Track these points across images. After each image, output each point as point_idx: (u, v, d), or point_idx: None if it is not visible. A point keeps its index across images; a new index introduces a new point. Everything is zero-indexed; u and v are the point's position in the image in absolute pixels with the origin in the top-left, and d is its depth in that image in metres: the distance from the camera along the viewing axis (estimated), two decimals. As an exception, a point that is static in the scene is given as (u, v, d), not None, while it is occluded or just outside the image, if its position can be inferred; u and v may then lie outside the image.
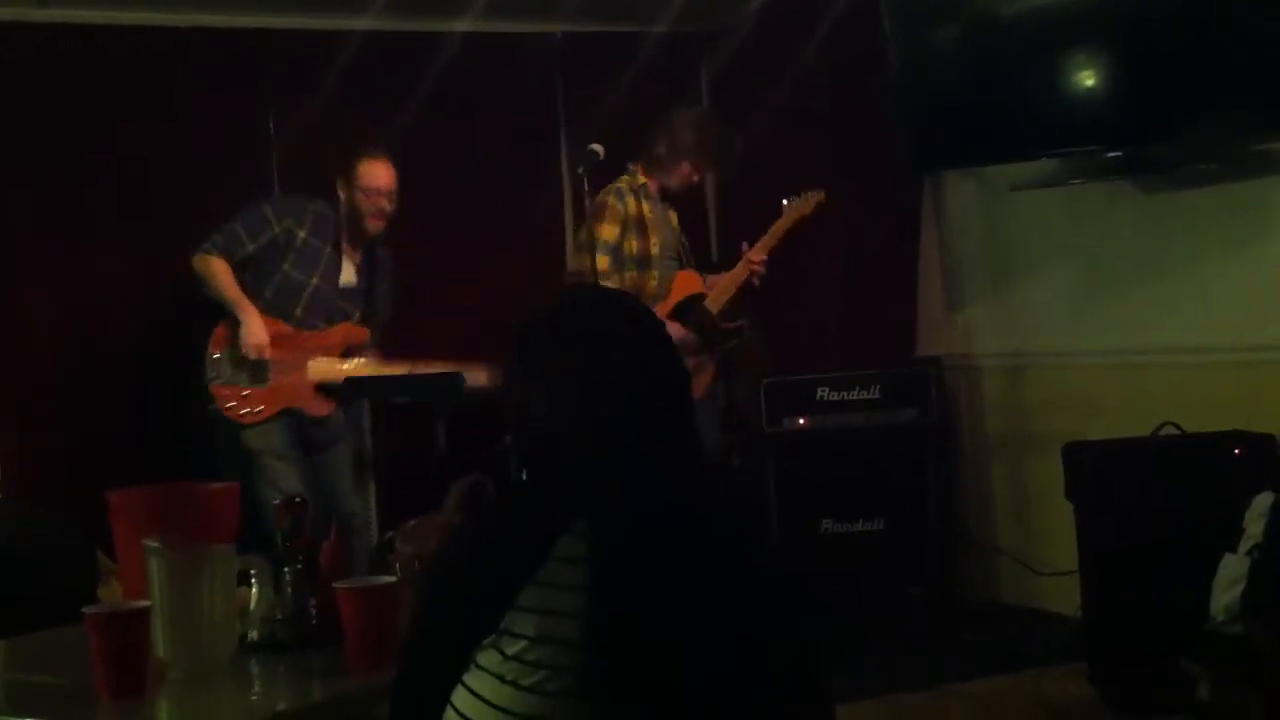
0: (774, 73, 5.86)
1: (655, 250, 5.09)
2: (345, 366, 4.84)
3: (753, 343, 5.39)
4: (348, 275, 4.87)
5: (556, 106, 5.99)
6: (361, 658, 2.25)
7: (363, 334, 4.90)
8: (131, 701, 2.13)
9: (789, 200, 5.21)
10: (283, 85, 5.28)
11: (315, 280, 4.79)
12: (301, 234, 4.75)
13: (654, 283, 5.06)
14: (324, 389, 4.82)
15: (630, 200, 5.07)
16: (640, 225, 5.07)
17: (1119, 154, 4.91)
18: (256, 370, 4.69)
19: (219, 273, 4.68)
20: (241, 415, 4.70)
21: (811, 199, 5.21)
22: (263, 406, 4.72)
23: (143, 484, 3.06)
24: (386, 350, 4.98)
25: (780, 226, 5.16)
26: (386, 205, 4.78)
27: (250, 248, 4.72)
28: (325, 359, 4.82)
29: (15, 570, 3.50)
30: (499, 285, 5.44)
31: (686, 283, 5.17)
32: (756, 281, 5.12)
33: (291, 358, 4.75)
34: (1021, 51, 4.90)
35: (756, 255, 5.11)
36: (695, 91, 6.14)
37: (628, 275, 5.02)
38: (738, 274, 5.13)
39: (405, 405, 5.30)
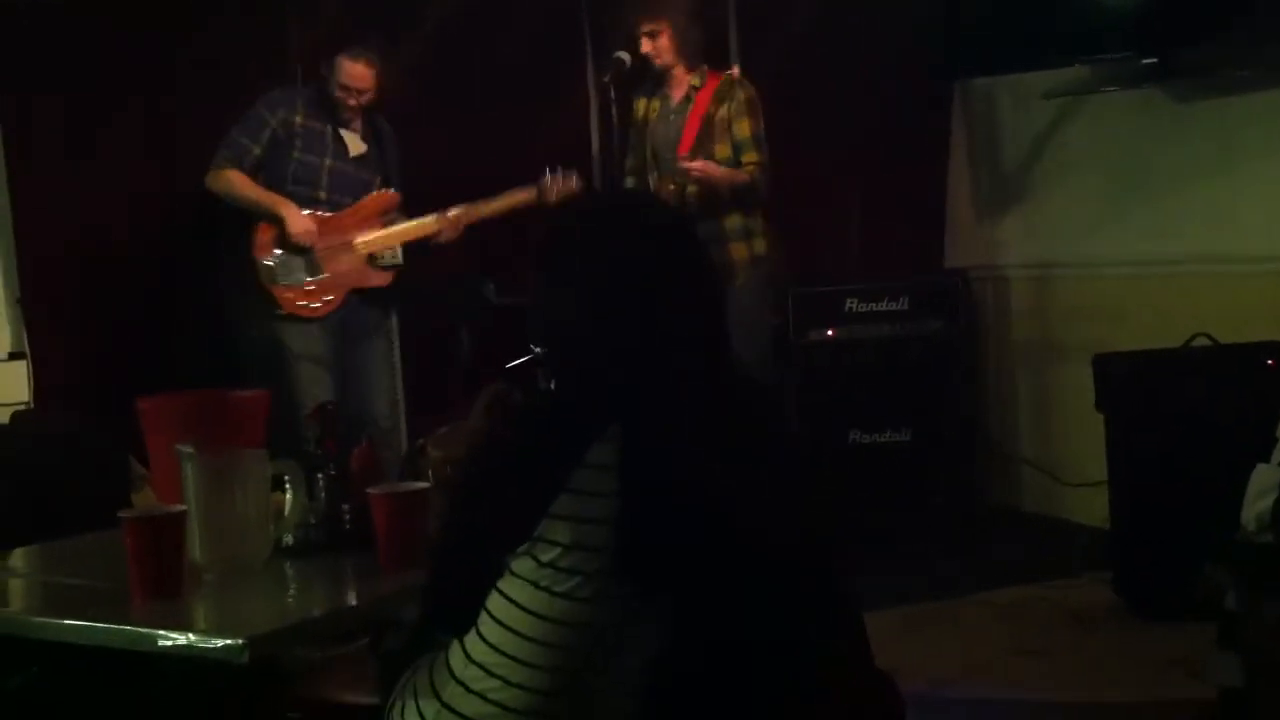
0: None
1: None
2: (387, 231, 4.89)
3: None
4: (355, 147, 4.92)
5: (581, 13, 5.92)
6: (394, 561, 2.27)
7: (394, 197, 4.94)
8: (168, 603, 2.15)
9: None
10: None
11: (328, 160, 4.84)
12: (298, 119, 4.80)
13: None
14: (374, 261, 4.87)
15: None
16: None
17: (1152, 60, 4.84)
18: (310, 263, 4.73)
19: (236, 182, 4.72)
20: (314, 310, 4.77)
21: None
22: (331, 295, 4.79)
23: (174, 390, 3.07)
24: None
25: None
26: (352, 100, 4.82)
27: (257, 150, 4.75)
28: (367, 232, 4.85)
29: (49, 476, 3.53)
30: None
31: None
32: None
33: (336, 242, 4.80)
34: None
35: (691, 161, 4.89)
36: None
37: None
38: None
39: (429, 311, 5.32)
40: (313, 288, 4.76)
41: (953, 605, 4.61)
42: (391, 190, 4.95)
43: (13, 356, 4.92)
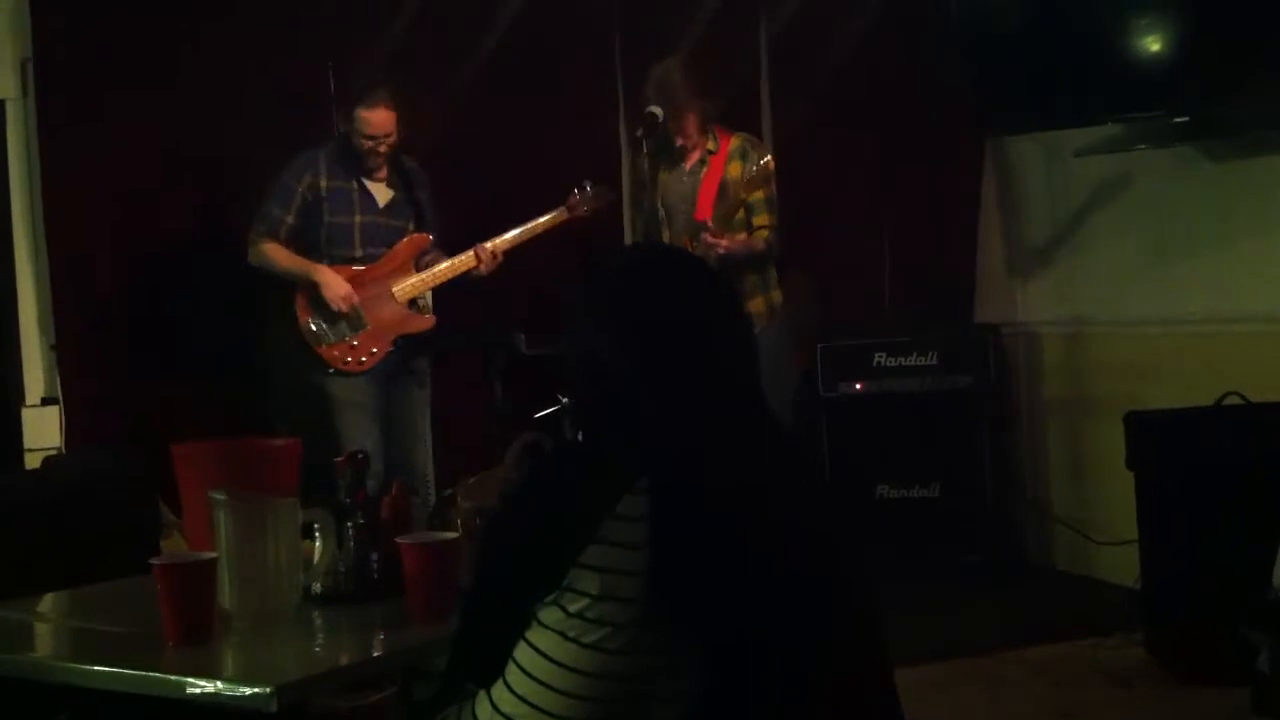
0: (835, 31, 5.81)
1: None
2: (423, 275, 4.95)
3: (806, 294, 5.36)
4: (383, 196, 4.97)
5: (614, 66, 5.96)
6: (422, 610, 2.26)
7: (424, 239, 4.98)
8: (197, 650, 2.15)
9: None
10: (342, 37, 5.31)
11: (358, 217, 4.90)
12: (324, 183, 4.87)
13: None
14: (416, 305, 4.95)
15: None
16: None
17: (1185, 119, 4.83)
18: (352, 318, 4.79)
19: (273, 252, 4.82)
20: (361, 364, 4.85)
21: (757, 166, 4.87)
22: (376, 347, 4.86)
23: (205, 438, 3.09)
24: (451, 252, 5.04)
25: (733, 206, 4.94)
26: (381, 148, 4.87)
27: (290, 219, 4.84)
28: (404, 278, 4.91)
29: (79, 521, 3.54)
30: (555, 249, 5.40)
31: None
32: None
33: (375, 292, 4.86)
34: (1087, 12, 4.84)
35: (717, 237, 4.84)
36: (755, 50, 6.08)
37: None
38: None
39: (462, 361, 5.34)
40: (358, 342, 4.83)
41: (982, 663, 4.57)
42: (423, 232, 4.99)
43: (45, 402, 4.96)
